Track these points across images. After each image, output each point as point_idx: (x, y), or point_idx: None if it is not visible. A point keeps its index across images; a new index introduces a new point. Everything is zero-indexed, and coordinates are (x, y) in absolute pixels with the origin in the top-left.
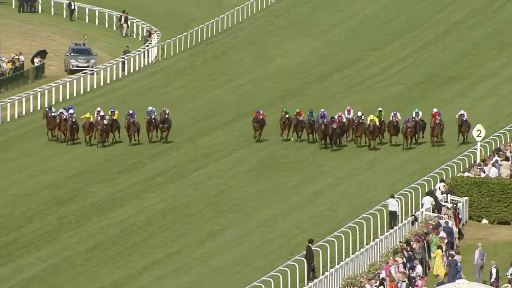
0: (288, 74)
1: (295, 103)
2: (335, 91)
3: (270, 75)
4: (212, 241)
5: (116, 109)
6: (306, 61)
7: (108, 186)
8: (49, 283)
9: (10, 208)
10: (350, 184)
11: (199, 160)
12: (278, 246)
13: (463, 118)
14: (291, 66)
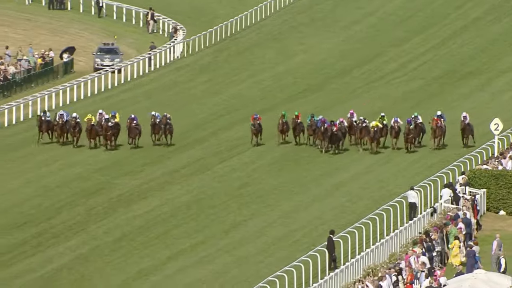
0: (310, 70)
1: (316, 97)
2: (355, 86)
3: (292, 70)
4: (235, 231)
5: (117, 112)
6: (328, 56)
7: (134, 178)
8: (78, 272)
9: (40, 200)
10: (369, 177)
11: (223, 153)
12: (300, 237)
13: (465, 122)
14: (313, 61)
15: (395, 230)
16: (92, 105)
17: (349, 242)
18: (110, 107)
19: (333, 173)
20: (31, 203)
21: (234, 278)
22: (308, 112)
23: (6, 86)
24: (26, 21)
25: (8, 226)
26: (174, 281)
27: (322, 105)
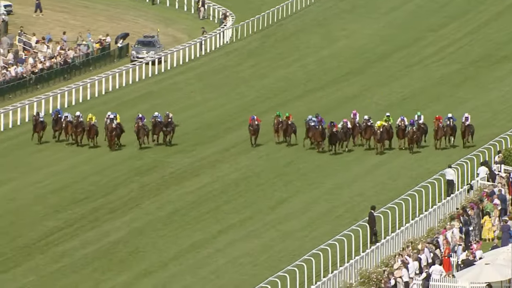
0: (352, 54)
1: (358, 80)
2: (395, 70)
3: (335, 54)
4: (281, 208)
5: (118, 113)
6: (368, 41)
7: (186, 157)
8: (133, 245)
9: (98, 177)
10: (409, 156)
11: (269, 133)
12: (343, 212)
13: (466, 123)
14: (355, 46)
15: (433, 206)
16: (146, 88)
17: (389, 217)
18: (163, 89)
19: (373, 153)
20: (89, 180)
21: (280, 251)
22: (352, 96)
23: (66, 69)
24: (84, 8)
25: (68, 201)
26: (224, 254)
27: (363, 87)
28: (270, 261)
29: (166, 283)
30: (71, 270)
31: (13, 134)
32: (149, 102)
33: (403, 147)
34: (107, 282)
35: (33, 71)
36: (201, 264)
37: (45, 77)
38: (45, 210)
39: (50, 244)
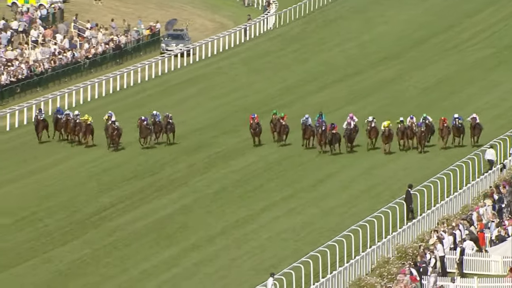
0: (390, 39)
1: (396, 64)
2: (431, 54)
3: (374, 40)
4: (321, 186)
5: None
6: (406, 27)
7: (232, 137)
8: (180, 221)
9: (146, 157)
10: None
11: (311, 114)
12: (381, 190)
13: (475, 121)
14: (393, 32)
15: (467, 184)
16: (196, 71)
17: (425, 195)
18: (210, 73)
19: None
20: (138, 159)
21: (321, 227)
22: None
23: (118, 54)
24: None
25: (119, 180)
26: (267, 230)
27: (400, 71)
28: (311, 237)
29: (212, 257)
30: (123, 243)
31: None
32: (197, 86)
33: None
34: (156, 256)
35: (87, 56)
36: (245, 239)
37: (98, 62)
38: (99, 187)
39: (103, 219)
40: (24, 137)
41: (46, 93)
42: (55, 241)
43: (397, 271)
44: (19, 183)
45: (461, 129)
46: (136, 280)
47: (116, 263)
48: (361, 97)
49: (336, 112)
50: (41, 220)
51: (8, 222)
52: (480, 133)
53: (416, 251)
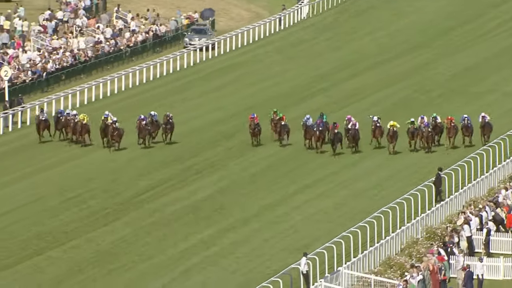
0: (419, 28)
1: (424, 52)
2: (459, 43)
3: (403, 29)
4: (352, 169)
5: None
6: (434, 17)
7: (267, 123)
8: (218, 202)
9: (187, 139)
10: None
11: (342, 101)
12: (410, 173)
13: (485, 120)
14: (422, 21)
15: (494, 168)
16: (233, 59)
17: (453, 178)
18: (246, 61)
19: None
20: (177, 144)
21: (352, 209)
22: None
23: (158, 43)
24: None
25: (159, 163)
26: (300, 211)
27: (428, 59)
28: (342, 218)
29: (248, 237)
30: (162, 224)
31: (111, 101)
32: (233, 73)
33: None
34: (194, 236)
35: (128, 45)
36: (279, 220)
37: (139, 50)
38: (139, 171)
39: (143, 201)
40: None
41: (90, 80)
42: (98, 222)
43: (426, 251)
44: (63, 167)
45: (470, 129)
46: (175, 259)
47: (155, 243)
48: (391, 84)
49: (368, 98)
50: (85, 202)
51: (54, 204)
52: (490, 132)
53: (444, 232)
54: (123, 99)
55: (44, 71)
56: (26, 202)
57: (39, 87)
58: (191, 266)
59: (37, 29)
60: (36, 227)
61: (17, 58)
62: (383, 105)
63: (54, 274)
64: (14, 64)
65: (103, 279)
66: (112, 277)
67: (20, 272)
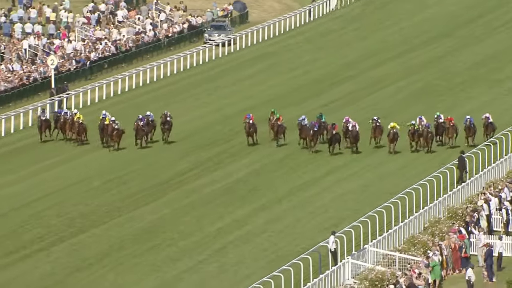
0: (441, 19)
1: (446, 42)
2: (479, 32)
3: (426, 20)
4: (378, 152)
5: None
6: (456, 8)
7: (297, 109)
8: (251, 184)
9: (221, 125)
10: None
11: (370, 87)
12: (432, 157)
13: (488, 120)
14: (444, 12)
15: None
16: (263, 49)
17: (473, 160)
18: (278, 50)
19: (462, 104)
20: (214, 128)
21: (378, 190)
22: (440, 56)
23: (194, 33)
24: None
25: (196, 147)
26: (330, 192)
27: (450, 48)
28: (369, 198)
29: (279, 216)
30: (199, 204)
31: (151, 88)
32: (265, 62)
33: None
34: (229, 215)
35: (166, 35)
36: (310, 200)
37: (176, 40)
38: (176, 154)
39: (181, 182)
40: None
41: (130, 69)
42: (138, 202)
43: (447, 230)
44: (104, 151)
45: (472, 129)
46: (211, 237)
47: (193, 222)
48: (414, 71)
49: (392, 85)
50: (125, 183)
51: (97, 185)
52: (492, 132)
53: (465, 212)
54: (162, 87)
55: (87, 60)
56: (72, 182)
57: (83, 75)
58: (226, 244)
59: (81, 21)
60: (80, 207)
61: (63, 48)
62: (407, 91)
63: (97, 250)
64: (60, 54)
65: (143, 255)
66: (152, 254)
67: (67, 249)
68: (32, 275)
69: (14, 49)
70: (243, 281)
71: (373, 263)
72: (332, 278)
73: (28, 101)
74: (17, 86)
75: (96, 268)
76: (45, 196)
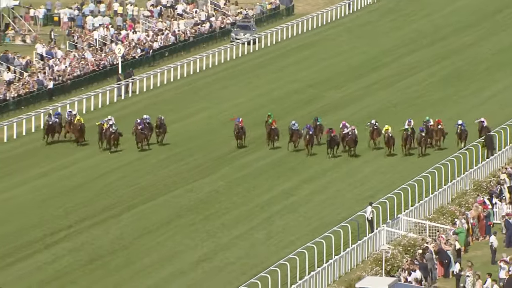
0: (470, 10)
1: (474, 31)
2: (503, 23)
3: (456, 11)
4: None
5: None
6: (484, 0)
7: (337, 92)
8: (298, 158)
9: (268, 108)
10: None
11: (404, 73)
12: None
13: (483, 124)
14: (472, 4)
15: None
16: (307, 38)
17: (496, 138)
18: (320, 39)
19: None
20: (261, 110)
21: (413, 164)
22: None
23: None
24: None
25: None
26: (370, 165)
27: (478, 37)
28: (403, 172)
29: (323, 188)
30: (251, 177)
31: (207, 74)
32: (309, 50)
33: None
34: (278, 186)
35: (220, 26)
36: (351, 173)
37: (229, 31)
38: (231, 132)
39: (235, 158)
40: (177, 89)
41: (188, 56)
42: (195, 175)
43: (473, 201)
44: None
45: (463, 134)
46: (260, 207)
47: (245, 193)
48: (444, 58)
49: (423, 71)
50: (182, 159)
51: (154, 161)
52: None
53: (489, 185)
54: (217, 73)
55: (150, 49)
56: (131, 160)
57: (146, 62)
58: (273, 213)
59: (145, 14)
60: (141, 180)
61: (128, 37)
62: (438, 76)
63: (160, 218)
64: (126, 43)
65: (200, 222)
66: (208, 221)
67: (133, 216)
68: (104, 239)
69: (86, 39)
70: (288, 246)
71: (405, 231)
72: (368, 244)
73: (98, 85)
74: (89, 72)
75: (158, 234)
76: (116, 169)
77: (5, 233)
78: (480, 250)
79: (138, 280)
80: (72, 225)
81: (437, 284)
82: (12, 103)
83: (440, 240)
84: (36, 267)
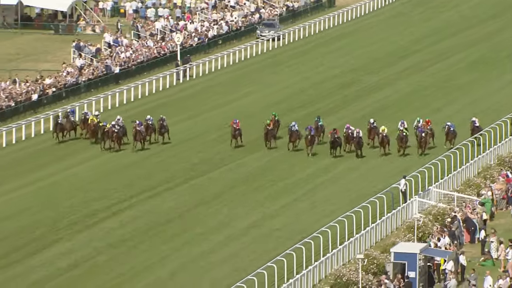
0: (493, 2)
1: (499, 21)
2: None
3: (482, 3)
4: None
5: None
6: None
7: (374, 76)
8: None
9: (310, 90)
10: None
11: (433, 59)
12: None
13: (474, 125)
14: (493, 1)
15: None
16: (346, 28)
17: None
18: (357, 29)
19: (503, 76)
20: (300, 95)
21: (441, 143)
22: (495, 32)
23: (291, 15)
24: None
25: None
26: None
27: (502, 26)
28: (433, 149)
29: (359, 163)
30: (293, 155)
31: (255, 60)
32: (348, 38)
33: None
34: (318, 163)
35: (267, 18)
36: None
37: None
38: (266, 117)
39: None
40: (230, 73)
41: (240, 44)
42: (246, 152)
43: (497, 174)
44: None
45: (451, 134)
46: (303, 180)
47: (288, 169)
48: (470, 46)
49: (449, 59)
50: (225, 141)
51: (214, 137)
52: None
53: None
54: (266, 59)
55: (206, 38)
56: (188, 138)
57: (202, 50)
58: (315, 186)
59: (201, 6)
60: (200, 154)
61: (186, 27)
62: (464, 62)
63: (214, 190)
64: (184, 32)
65: (249, 194)
66: (257, 193)
67: (189, 188)
68: (160, 209)
69: (148, 28)
70: (329, 215)
71: (435, 201)
72: (402, 213)
73: (159, 70)
74: (151, 59)
75: (212, 204)
76: (171, 147)
77: (72, 204)
78: (504, 219)
79: (196, 244)
80: (133, 196)
81: (464, 249)
82: (83, 86)
83: (467, 209)
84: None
